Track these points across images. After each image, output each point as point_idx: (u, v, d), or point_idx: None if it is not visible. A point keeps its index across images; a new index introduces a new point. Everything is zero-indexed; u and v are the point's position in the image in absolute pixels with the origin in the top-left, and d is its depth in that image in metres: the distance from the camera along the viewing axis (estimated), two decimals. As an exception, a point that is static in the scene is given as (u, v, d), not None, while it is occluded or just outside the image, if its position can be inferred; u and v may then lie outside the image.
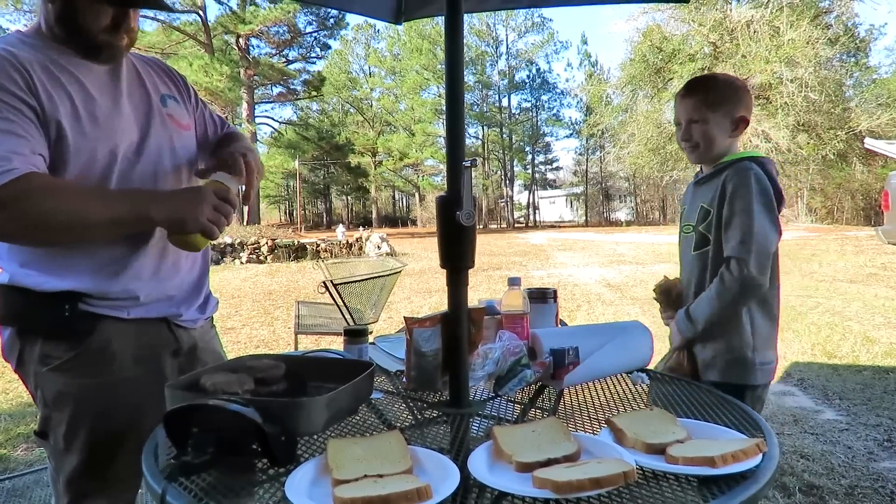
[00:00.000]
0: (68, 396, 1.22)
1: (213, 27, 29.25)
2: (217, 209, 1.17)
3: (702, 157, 1.71)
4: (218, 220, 1.17)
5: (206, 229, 1.16)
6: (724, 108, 1.64)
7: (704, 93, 1.66)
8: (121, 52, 1.26)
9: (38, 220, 1.09)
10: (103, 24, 1.19)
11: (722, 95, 1.65)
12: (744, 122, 1.66)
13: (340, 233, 19.93)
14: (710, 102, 1.64)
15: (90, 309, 1.21)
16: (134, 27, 1.26)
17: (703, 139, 1.66)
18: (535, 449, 0.92)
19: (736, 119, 1.65)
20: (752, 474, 0.86)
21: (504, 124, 44.63)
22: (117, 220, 1.14)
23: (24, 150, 1.09)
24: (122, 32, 1.22)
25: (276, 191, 49.87)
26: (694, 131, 1.66)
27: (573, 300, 8.20)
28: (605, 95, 36.30)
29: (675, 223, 35.46)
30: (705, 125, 1.65)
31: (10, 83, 1.10)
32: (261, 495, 0.86)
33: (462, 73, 1.21)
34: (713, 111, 1.64)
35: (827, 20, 27.03)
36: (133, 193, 1.22)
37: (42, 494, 2.69)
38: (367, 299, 4.46)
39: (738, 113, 1.65)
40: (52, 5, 1.19)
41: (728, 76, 1.75)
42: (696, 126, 1.66)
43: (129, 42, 1.26)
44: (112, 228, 1.17)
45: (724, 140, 1.67)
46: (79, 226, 1.12)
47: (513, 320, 1.43)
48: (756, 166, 1.60)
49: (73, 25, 1.19)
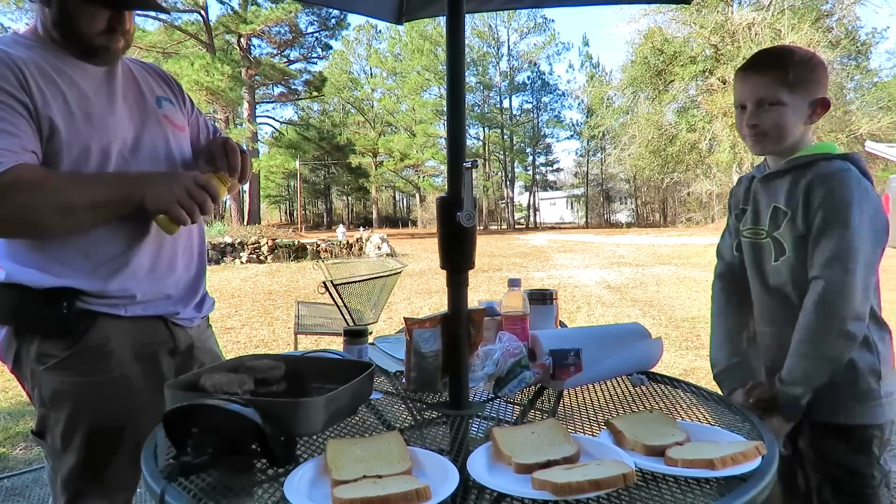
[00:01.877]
0: (65, 395, 1.22)
1: (214, 27, 29.26)
2: (191, 195, 1.15)
3: (769, 148, 1.39)
4: (190, 205, 1.15)
5: (172, 212, 1.14)
6: (803, 89, 1.33)
7: (780, 69, 1.33)
8: (117, 54, 1.27)
9: (27, 210, 1.10)
10: (99, 27, 1.20)
11: (801, 73, 1.33)
12: (822, 106, 1.36)
13: (341, 233, 19.93)
14: (788, 81, 1.32)
15: (88, 307, 1.22)
16: (130, 29, 1.27)
17: (775, 126, 1.34)
18: (535, 450, 0.92)
19: (815, 102, 1.36)
20: (751, 477, 0.86)
21: (505, 125, 44.63)
22: (103, 202, 1.16)
23: (14, 147, 1.10)
24: (117, 35, 1.23)
25: (276, 191, 49.90)
26: (764, 116, 1.35)
27: (573, 301, 8.20)
28: (606, 97, 36.32)
29: (674, 225, 35.57)
30: (780, 109, 1.33)
31: (3, 81, 1.11)
32: (260, 495, 0.86)
33: (463, 74, 1.21)
34: (792, 92, 1.33)
35: (828, 23, 27.06)
36: (119, 177, 1.23)
37: (41, 493, 2.69)
38: (367, 300, 4.46)
39: (818, 94, 1.35)
40: (48, 10, 1.20)
41: (802, 49, 1.41)
42: (768, 110, 1.34)
43: (126, 44, 1.27)
44: (100, 211, 1.17)
45: (799, 128, 1.36)
46: (66, 211, 1.13)
47: (513, 321, 1.43)
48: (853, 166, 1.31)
49: (70, 29, 1.20)
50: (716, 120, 27.29)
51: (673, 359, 4.97)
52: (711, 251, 1.81)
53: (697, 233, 25.15)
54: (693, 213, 35.70)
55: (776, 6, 25.52)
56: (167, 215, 1.16)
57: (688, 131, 28.84)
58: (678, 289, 9.28)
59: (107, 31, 1.21)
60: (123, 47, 1.27)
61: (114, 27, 1.22)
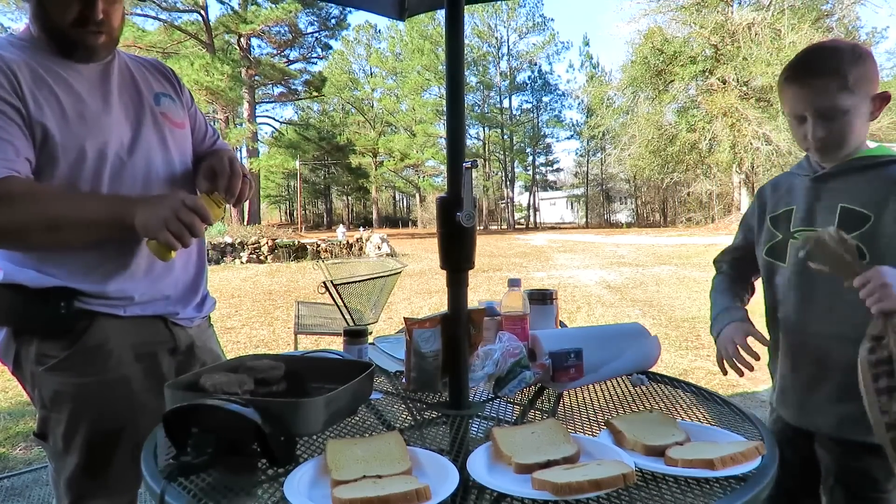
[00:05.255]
0: (66, 396, 1.22)
1: (214, 27, 29.26)
2: (179, 217, 1.08)
3: (837, 156, 1.29)
4: (177, 229, 1.08)
5: (161, 237, 1.08)
6: (862, 89, 1.23)
7: (837, 73, 1.22)
8: (96, 50, 1.24)
9: (16, 224, 1.09)
10: (70, 16, 1.17)
11: (858, 72, 1.22)
12: (883, 100, 1.26)
13: (341, 233, 19.93)
14: (847, 86, 1.21)
15: (86, 306, 1.22)
16: (112, 22, 1.24)
17: (842, 134, 1.24)
18: (535, 450, 0.92)
19: (876, 97, 1.26)
20: (750, 477, 0.86)
21: (505, 125, 44.63)
22: (93, 223, 1.14)
23: (7, 154, 1.09)
24: (90, 25, 1.19)
25: (276, 191, 49.95)
26: (830, 126, 1.24)
27: (573, 301, 8.20)
28: (606, 97, 36.32)
29: (674, 225, 35.54)
30: (846, 115, 1.23)
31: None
32: (260, 495, 0.86)
33: (463, 72, 1.21)
34: (853, 94, 1.22)
35: (828, 23, 27.08)
36: (111, 198, 1.21)
37: (41, 493, 2.69)
38: (367, 300, 4.46)
39: (876, 88, 1.25)
40: (28, 4, 1.19)
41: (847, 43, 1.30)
42: (833, 119, 1.23)
43: (108, 40, 1.24)
44: (90, 231, 1.15)
45: (864, 129, 1.27)
46: (53, 227, 1.12)
47: (513, 321, 1.43)
48: None
49: (46, 22, 1.19)
50: (716, 120, 27.33)
51: (673, 359, 4.97)
52: (711, 251, 1.81)
53: (697, 233, 25.15)
54: (693, 213, 35.70)
55: (776, 6, 25.54)
56: (156, 241, 1.11)
57: (688, 131, 28.87)
58: (678, 289, 9.28)
59: (79, 21, 1.18)
60: (105, 43, 1.24)
61: (86, 16, 1.18)
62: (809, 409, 1.33)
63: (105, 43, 1.24)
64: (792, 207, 1.38)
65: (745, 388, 4.11)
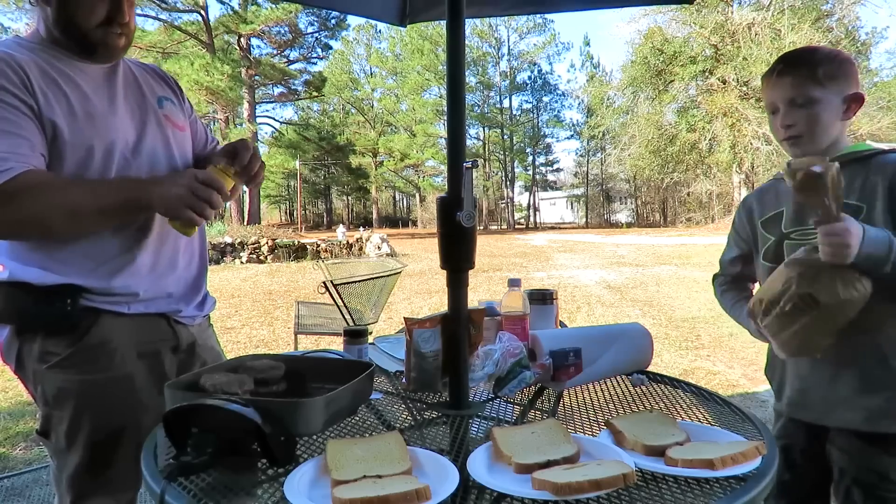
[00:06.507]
0: (69, 393, 1.22)
1: (214, 27, 29.26)
2: (196, 193, 1.14)
3: (807, 149, 1.34)
4: (196, 204, 1.14)
5: (182, 216, 1.14)
6: (834, 85, 1.31)
7: (808, 67, 1.32)
8: (116, 50, 1.27)
9: (35, 215, 1.11)
10: (98, 18, 1.21)
11: (830, 68, 1.32)
12: (857, 101, 1.33)
13: (341, 233, 19.91)
14: (817, 78, 1.31)
15: (91, 304, 1.22)
16: (131, 25, 1.28)
17: (810, 125, 1.32)
18: (535, 450, 0.92)
19: (848, 97, 1.33)
20: (751, 477, 0.86)
21: (505, 125, 44.63)
22: (111, 208, 1.17)
23: (22, 150, 1.11)
24: (115, 26, 1.23)
25: (276, 191, 49.88)
26: (798, 115, 1.32)
27: (573, 301, 8.20)
28: (606, 97, 36.33)
29: (674, 225, 35.56)
30: (814, 106, 1.31)
31: (8, 83, 1.12)
32: (260, 495, 0.86)
33: (463, 74, 1.21)
34: (823, 88, 1.31)
35: (828, 23, 27.08)
36: (125, 181, 1.23)
37: (41, 493, 2.69)
38: (367, 300, 4.46)
39: (850, 89, 1.33)
40: (49, 8, 1.21)
41: (827, 47, 1.41)
42: (801, 108, 1.32)
43: (126, 42, 1.28)
44: (108, 216, 1.19)
45: (835, 126, 1.34)
46: (74, 215, 1.14)
47: (513, 321, 1.43)
48: None
49: (70, 23, 1.21)
50: (716, 120, 27.33)
51: (673, 359, 4.96)
52: (711, 251, 1.83)
53: (697, 233, 25.16)
54: (693, 214, 35.70)
55: (776, 6, 25.53)
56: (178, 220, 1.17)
57: (688, 131, 28.87)
58: (678, 289, 9.28)
59: (105, 22, 1.22)
60: (124, 45, 1.28)
61: (112, 17, 1.22)
62: (835, 403, 1.32)
63: (124, 45, 1.28)
64: (781, 209, 1.43)
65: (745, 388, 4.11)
